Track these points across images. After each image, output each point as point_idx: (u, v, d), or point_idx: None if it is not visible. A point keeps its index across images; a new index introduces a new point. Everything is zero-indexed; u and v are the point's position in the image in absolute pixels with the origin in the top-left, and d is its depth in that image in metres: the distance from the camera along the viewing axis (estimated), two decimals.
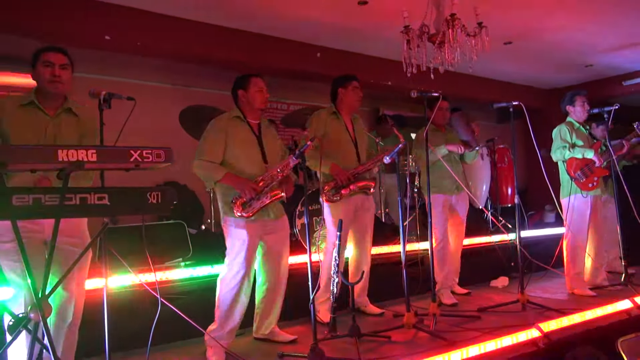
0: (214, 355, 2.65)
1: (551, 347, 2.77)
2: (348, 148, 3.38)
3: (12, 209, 1.64)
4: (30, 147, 1.82)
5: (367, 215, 3.43)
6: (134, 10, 4.14)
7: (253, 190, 2.72)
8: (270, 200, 2.77)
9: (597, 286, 4.03)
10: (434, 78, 3.49)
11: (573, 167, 3.90)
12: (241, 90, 2.88)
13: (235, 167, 2.79)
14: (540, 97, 7.40)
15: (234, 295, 2.73)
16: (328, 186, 3.28)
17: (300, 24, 4.65)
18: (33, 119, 2.29)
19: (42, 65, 2.30)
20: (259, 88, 2.88)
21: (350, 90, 3.40)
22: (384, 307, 3.57)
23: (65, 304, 2.28)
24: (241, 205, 2.73)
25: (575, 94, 4.04)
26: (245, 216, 2.73)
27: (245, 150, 2.83)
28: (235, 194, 2.74)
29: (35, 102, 2.31)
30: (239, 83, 2.91)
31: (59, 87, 2.31)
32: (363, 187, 3.33)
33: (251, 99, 2.87)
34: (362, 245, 3.45)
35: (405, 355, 2.53)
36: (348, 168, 3.29)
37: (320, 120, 3.37)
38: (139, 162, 1.81)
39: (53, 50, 2.35)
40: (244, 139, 2.85)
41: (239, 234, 2.75)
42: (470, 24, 3.22)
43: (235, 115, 2.89)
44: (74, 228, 2.29)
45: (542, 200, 6.16)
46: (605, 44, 5.56)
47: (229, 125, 2.83)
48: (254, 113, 2.91)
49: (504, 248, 4.77)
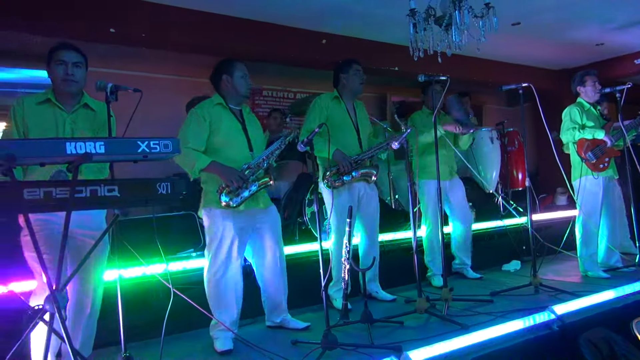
0: (222, 345, 2.65)
1: (565, 330, 2.76)
2: (350, 133, 3.35)
3: (23, 203, 1.66)
4: (39, 140, 1.83)
5: (371, 202, 3.41)
6: (139, 2, 4.13)
7: (240, 178, 2.64)
8: (259, 188, 2.71)
9: (611, 268, 4.00)
10: (442, 62, 3.45)
11: (584, 148, 3.85)
12: (226, 75, 2.79)
13: (220, 155, 2.71)
14: (550, 78, 7.29)
15: (222, 286, 2.68)
16: (330, 172, 3.25)
17: (305, 11, 4.61)
18: (51, 115, 2.33)
19: (56, 64, 2.33)
20: (244, 74, 2.81)
21: (352, 74, 3.36)
22: (395, 293, 3.57)
23: (84, 296, 2.33)
24: (227, 194, 2.64)
25: (586, 74, 3.97)
26: (233, 206, 2.65)
27: (231, 137, 2.76)
28: (221, 183, 2.66)
29: (52, 99, 2.34)
30: (223, 67, 2.81)
31: (72, 86, 2.34)
32: (365, 175, 3.30)
33: (236, 85, 2.79)
34: (371, 232, 3.44)
35: (418, 340, 2.53)
36: (350, 154, 3.26)
37: (321, 105, 3.33)
38: (147, 153, 1.81)
39: (65, 48, 2.36)
40: (229, 126, 2.77)
41: (224, 225, 2.67)
42: (478, 5, 3.16)
43: (217, 102, 2.81)
44: (95, 222, 2.33)
45: (553, 183, 6.09)
46: (616, 22, 5.44)
47: (212, 113, 2.75)
48: (237, 100, 2.84)
49: (516, 232, 4.74)
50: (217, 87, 2.85)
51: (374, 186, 3.45)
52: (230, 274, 2.70)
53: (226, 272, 2.69)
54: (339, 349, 2.45)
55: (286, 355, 2.48)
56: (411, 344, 2.45)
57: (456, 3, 3.04)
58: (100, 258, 2.36)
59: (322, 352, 2.41)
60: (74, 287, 2.33)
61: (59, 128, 2.31)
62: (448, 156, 3.85)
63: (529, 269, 3.61)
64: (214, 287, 2.70)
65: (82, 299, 2.32)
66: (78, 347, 2.30)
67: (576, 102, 3.99)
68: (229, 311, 2.71)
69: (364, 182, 3.35)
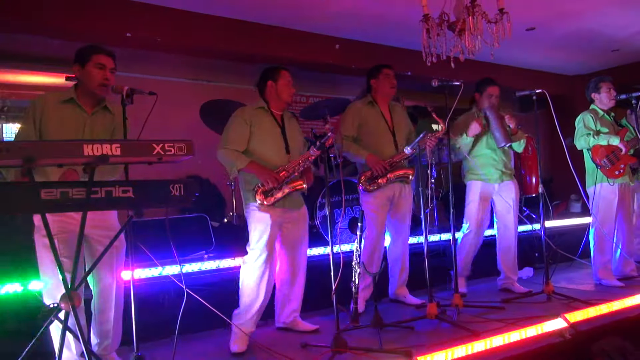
0: (237, 342, 2.70)
1: (578, 338, 2.73)
2: (385, 137, 3.40)
3: (41, 203, 1.70)
4: (58, 142, 1.87)
5: (405, 204, 3.43)
6: (154, 7, 4.19)
7: (275, 180, 2.76)
8: (291, 190, 2.82)
9: (626, 277, 3.94)
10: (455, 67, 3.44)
11: (598, 154, 3.81)
12: (270, 82, 2.92)
13: (258, 156, 2.84)
14: (564, 84, 7.22)
15: (258, 278, 2.77)
16: (364, 176, 3.32)
17: (319, 16, 4.64)
18: (72, 116, 2.37)
19: (95, 66, 2.36)
20: (288, 81, 2.93)
21: (382, 78, 3.43)
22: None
23: (104, 295, 2.39)
24: (262, 193, 2.78)
25: (600, 80, 3.94)
26: (266, 204, 2.78)
27: (269, 140, 2.88)
28: (257, 183, 2.79)
29: (75, 99, 2.38)
30: (269, 74, 2.95)
31: (108, 92, 2.39)
32: (400, 176, 3.34)
33: (279, 91, 2.91)
34: (400, 234, 3.47)
35: (428, 346, 2.52)
36: (386, 157, 3.31)
37: (355, 111, 3.42)
38: (162, 155, 1.84)
39: (106, 53, 2.41)
40: (268, 129, 2.89)
41: (262, 217, 2.79)
42: (491, 11, 3.16)
43: (259, 106, 2.94)
44: (110, 223, 2.38)
45: (567, 190, 6.03)
46: (632, 27, 5.38)
47: (254, 115, 2.88)
48: (279, 105, 2.95)
49: (529, 239, 4.70)
50: (261, 92, 2.98)
51: (410, 190, 3.46)
52: (267, 268, 2.79)
53: (264, 265, 2.78)
54: (348, 352, 2.46)
55: (296, 358, 2.49)
56: (421, 349, 2.44)
57: (470, 8, 3.04)
58: (118, 256, 2.41)
59: (331, 355, 2.41)
60: (96, 286, 2.39)
61: (79, 129, 2.36)
62: (497, 159, 3.69)
63: (541, 276, 3.58)
64: (249, 279, 2.78)
65: (104, 297, 2.38)
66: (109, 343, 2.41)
67: (589, 109, 3.95)
68: (258, 303, 2.78)
69: (400, 184, 3.39)
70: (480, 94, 3.74)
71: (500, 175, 3.67)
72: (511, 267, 3.76)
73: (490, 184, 3.66)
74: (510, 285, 3.75)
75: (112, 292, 2.39)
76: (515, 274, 3.80)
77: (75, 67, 2.39)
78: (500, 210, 3.72)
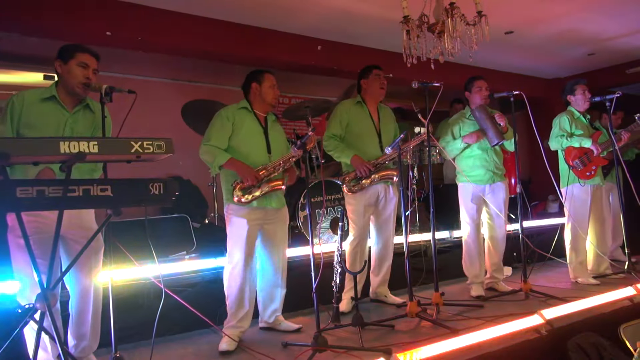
0: (226, 343, 2.69)
1: (554, 334, 2.79)
2: (371, 138, 3.42)
3: (16, 201, 1.67)
4: (33, 139, 1.84)
5: (389, 205, 3.45)
6: (135, 6, 4.14)
7: (255, 178, 2.78)
8: (270, 189, 2.83)
9: (601, 274, 4.04)
10: (435, 69, 3.48)
11: (571, 156, 3.91)
12: (255, 83, 2.96)
13: (239, 154, 2.86)
14: (541, 86, 7.36)
15: (239, 283, 2.78)
16: (349, 177, 3.34)
17: (301, 17, 4.65)
18: (53, 114, 2.33)
19: (78, 65, 2.34)
20: (272, 84, 2.98)
21: (372, 79, 3.46)
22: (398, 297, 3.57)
23: (81, 296, 2.36)
24: (240, 190, 2.79)
25: (575, 83, 4.03)
26: (243, 202, 2.79)
27: (251, 139, 2.91)
28: (237, 179, 2.81)
29: (57, 97, 2.34)
30: (253, 76, 3.00)
31: (87, 91, 2.36)
32: (385, 177, 3.35)
33: (264, 93, 2.95)
34: (384, 235, 3.48)
35: (408, 344, 2.54)
36: (371, 158, 3.33)
37: (344, 110, 3.44)
38: (140, 153, 1.83)
39: (90, 53, 2.39)
40: (251, 128, 2.92)
41: (239, 222, 2.81)
42: (470, 13, 3.21)
43: (243, 106, 2.97)
44: (85, 223, 2.35)
45: (545, 191, 6.14)
46: (608, 32, 5.52)
47: (237, 115, 2.92)
48: (263, 107, 2.99)
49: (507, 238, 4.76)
50: (246, 94, 3.03)
51: (394, 191, 3.47)
52: (246, 269, 2.80)
53: (243, 267, 2.79)
54: (329, 351, 2.47)
55: (277, 357, 2.49)
56: (401, 347, 2.46)
57: (449, 11, 3.08)
58: (96, 257, 2.38)
59: (312, 354, 2.42)
60: (74, 287, 2.36)
61: (59, 127, 2.32)
62: (489, 159, 3.68)
63: (520, 275, 3.64)
64: (232, 282, 2.80)
65: (83, 297, 2.35)
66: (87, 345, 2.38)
67: (566, 111, 4.04)
68: (243, 306, 2.80)
69: (384, 185, 3.40)
70: (470, 91, 3.77)
71: (491, 176, 3.68)
72: (497, 267, 3.80)
73: (481, 185, 3.66)
74: (495, 285, 3.78)
75: (90, 293, 2.36)
76: (501, 273, 3.85)
77: (57, 63, 2.35)
78: (491, 211, 3.72)
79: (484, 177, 3.67)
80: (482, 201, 3.70)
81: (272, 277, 2.97)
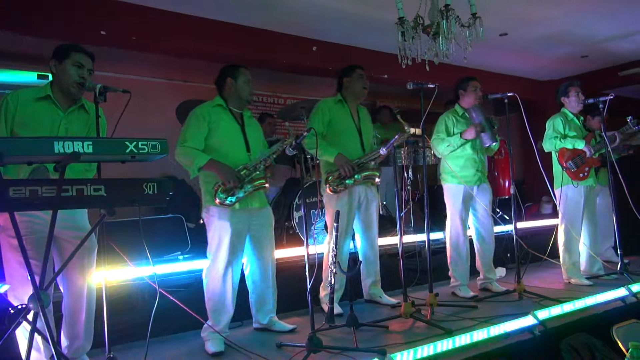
0: (213, 346, 2.66)
1: (547, 335, 2.80)
2: (353, 137, 3.38)
3: (9, 201, 1.66)
4: (27, 138, 1.83)
5: (371, 207, 3.41)
6: (129, 5, 4.14)
7: (237, 179, 2.70)
8: (254, 189, 2.77)
9: (594, 275, 4.07)
10: (430, 70, 3.50)
11: (565, 157, 3.93)
12: (230, 79, 2.87)
13: (218, 154, 2.77)
14: (536, 88, 7.41)
15: (221, 287, 2.73)
16: (332, 176, 3.28)
17: (296, 18, 4.65)
18: (47, 114, 2.31)
19: (73, 64, 2.32)
20: (247, 79, 2.90)
21: (355, 78, 3.41)
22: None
23: (75, 296, 2.34)
24: (223, 192, 2.71)
25: (569, 85, 4.06)
26: (227, 205, 2.71)
27: (229, 137, 2.82)
28: (218, 182, 2.72)
29: (52, 97, 2.32)
30: (228, 71, 2.91)
31: (82, 92, 2.34)
32: (367, 177, 3.30)
33: (239, 89, 2.87)
34: (369, 236, 3.45)
35: (402, 344, 2.55)
36: (352, 157, 3.28)
37: (326, 108, 3.37)
38: (135, 153, 1.83)
39: (86, 53, 2.37)
40: (228, 126, 2.84)
41: (221, 225, 2.73)
42: (465, 15, 3.23)
43: (218, 104, 2.88)
44: (78, 223, 2.34)
45: (539, 192, 6.17)
46: (601, 35, 5.56)
47: (212, 113, 2.83)
48: (238, 103, 2.91)
49: (501, 239, 4.79)
50: (220, 90, 2.93)
51: (375, 191, 3.45)
52: (228, 274, 2.74)
53: (225, 272, 2.73)
54: (323, 351, 2.47)
55: (271, 358, 2.49)
56: (395, 348, 2.47)
57: (444, 12, 3.10)
58: (89, 257, 2.36)
59: (306, 354, 2.42)
60: (67, 288, 2.34)
61: (54, 127, 2.30)
62: (478, 160, 3.68)
63: (513, 276, 3.66)
64: (212, 287, 2.74)
65: (77, 298, 2.34)
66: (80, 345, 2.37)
67: (560, 112, 4.07)
68: (226, 311, 2.75)
69: (365, 186, 3.36)
70: (465, 90, 3.77)
71: (480, 177, 3.69)
72: (489, 267, 3.81)
73: (470, 186, 3.66)
74: (489, 285, 3.80)
75: (83, 293, 2.35)
76: (493, 273, 3.85)
77: (52, 62, 2.34)
78: (479, 212, 3.73)
79: (473, 178, 3.68)
80: (469, 202, 3.71)
81: (262, 278, 2.91)
